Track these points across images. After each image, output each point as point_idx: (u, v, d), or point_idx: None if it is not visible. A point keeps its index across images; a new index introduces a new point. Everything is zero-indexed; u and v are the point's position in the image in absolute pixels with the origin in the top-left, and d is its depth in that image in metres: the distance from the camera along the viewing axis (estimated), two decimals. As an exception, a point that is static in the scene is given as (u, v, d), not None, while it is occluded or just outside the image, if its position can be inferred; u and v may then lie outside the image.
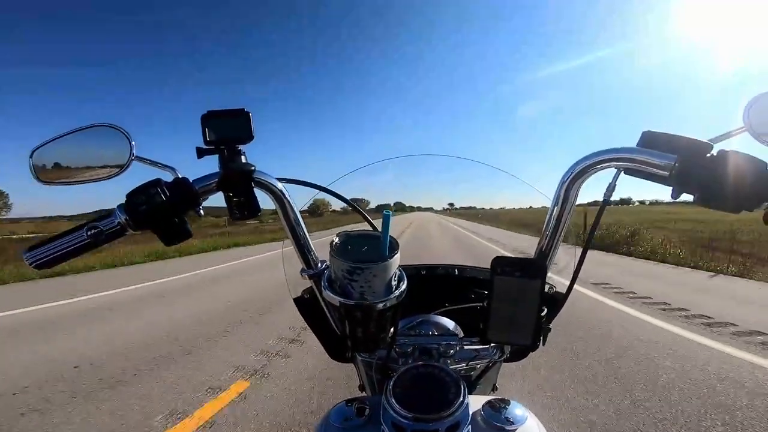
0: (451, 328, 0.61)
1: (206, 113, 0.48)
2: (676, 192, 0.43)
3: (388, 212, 0.41)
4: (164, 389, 2.37)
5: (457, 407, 0.44)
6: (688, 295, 4.64)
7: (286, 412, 2.07)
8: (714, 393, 2.19)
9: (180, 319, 3.94)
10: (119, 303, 4.82)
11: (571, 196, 0.50)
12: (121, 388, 2.40)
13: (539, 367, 2.56)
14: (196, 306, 4.53)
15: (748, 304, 4.27)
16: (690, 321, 3.58)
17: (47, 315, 4.31)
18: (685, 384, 2.31)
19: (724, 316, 3.71)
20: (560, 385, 2.33)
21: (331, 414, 0.50)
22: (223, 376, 2.55)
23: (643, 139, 0.45)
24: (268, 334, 3.40)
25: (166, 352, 3.00)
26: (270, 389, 2.35)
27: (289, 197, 0.54)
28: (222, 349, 3.06)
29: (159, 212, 0.45)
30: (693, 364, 2.60)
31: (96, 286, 5.84)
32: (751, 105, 0.42)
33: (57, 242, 0.44)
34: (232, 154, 0.48)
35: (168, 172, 0.47)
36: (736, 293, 4.81)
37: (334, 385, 2.38)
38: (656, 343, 3.01)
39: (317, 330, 0.62)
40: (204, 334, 3.46)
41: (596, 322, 3.51)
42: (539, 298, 0.47)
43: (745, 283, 5.55)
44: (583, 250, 0.54)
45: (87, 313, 4.35)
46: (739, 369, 2.51)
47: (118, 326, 3.78)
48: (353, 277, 0.40)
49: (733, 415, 1.96)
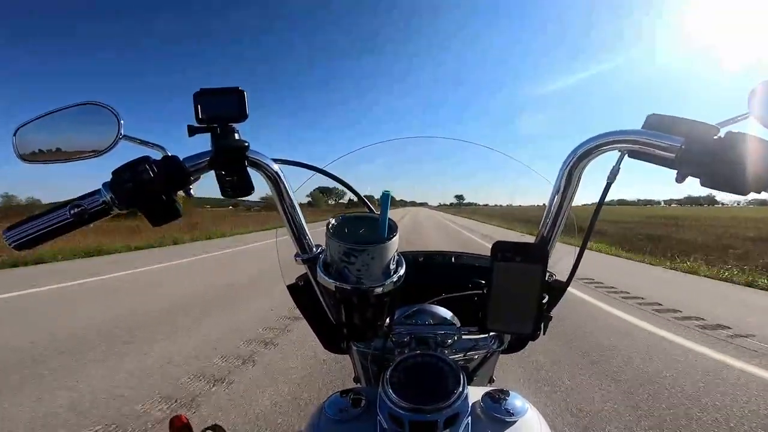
0: (449, 317, 0.60)
1: (199, 91, 0.46)
2: (682, 175, 0.42)
3: (387, 192, 0.39)
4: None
5: (456, 398, 0.43)
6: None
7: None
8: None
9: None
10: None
11: (573, 181, 0.49)
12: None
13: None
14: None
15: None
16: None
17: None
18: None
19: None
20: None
21: (326, 405, 0.49)
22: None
23: (648, 121, 0.44)
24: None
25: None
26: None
27: (284, 178, 0.52)
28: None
29: (146, 190, 0.43)
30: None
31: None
32: (756, 90, 0.42)
33: (38, 221, 0.43)
34: (225, 132, 0.46)
35: (157, 150, 0.46)
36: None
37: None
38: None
39: (311, 319, 0.61)
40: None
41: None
42: (541, 285, 0.46)
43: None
44: (585, 236, 0.53)
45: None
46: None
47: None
48: (350, 259, 0.39)
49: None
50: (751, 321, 3.79)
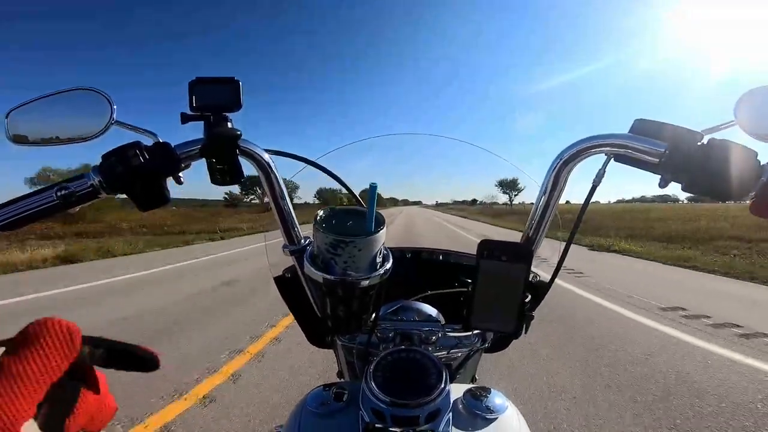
0: (433, 314, 0.60)
1: (194, 79, 0.46)
2: (665, 180, 0.43)
3: (374, 184, 0.40)
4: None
5: (438, 394, 0.43)
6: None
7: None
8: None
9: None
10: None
11: (560, 183, 0.50)
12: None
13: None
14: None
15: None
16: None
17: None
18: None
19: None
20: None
21: (308, 398, 0.49)
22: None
23: (635, 126, 0.45)
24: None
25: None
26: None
27: (275, 168, 0.52)
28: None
29: (135, 175, 0.43)
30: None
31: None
32: (742, 99, 0.42)
33: (23, 202, 0.42)
34: (218, 121, 0.46)
35: (149, 136, 0.46)
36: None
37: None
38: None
39: (297, 312, 0.61)
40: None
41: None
42: (524, 284, 0.47)
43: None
44: (569, 237, 0.54)
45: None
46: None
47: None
48: (336, 251, 0.39)
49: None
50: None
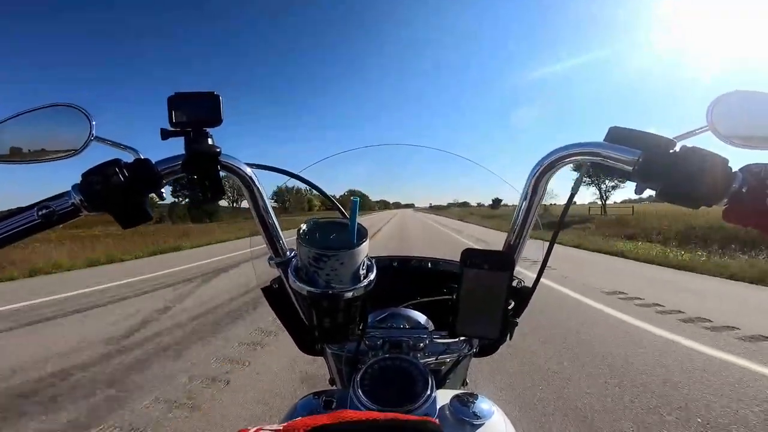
0: (422, 321, 0.61)
1: (173, 95, 0.46)
2: (640, 187, 0.44)
3: (356, 198, 0.40)
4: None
5: (424, 400, 0.44)
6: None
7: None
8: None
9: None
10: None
11: (539, 190, 0.50)
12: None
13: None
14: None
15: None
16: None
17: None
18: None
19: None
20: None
21: (298, 406, 0.49)
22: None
23: (610, 134, 0.46)
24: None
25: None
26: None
27: (258, 182, 0.52)
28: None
29: (116, 193, 0.43)
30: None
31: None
32: (714, 104, 0.43)
33: (4, 223, 0.42)
34: (198, 136, 0.46)
35: (129, 153, 0.45)
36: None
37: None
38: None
39: (286, 321, 0.61)
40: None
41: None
42: (506, 291, 0.47)
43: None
44: (551, 243, 0.55)
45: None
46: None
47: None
48: (319, 264, 0.39)
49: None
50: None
